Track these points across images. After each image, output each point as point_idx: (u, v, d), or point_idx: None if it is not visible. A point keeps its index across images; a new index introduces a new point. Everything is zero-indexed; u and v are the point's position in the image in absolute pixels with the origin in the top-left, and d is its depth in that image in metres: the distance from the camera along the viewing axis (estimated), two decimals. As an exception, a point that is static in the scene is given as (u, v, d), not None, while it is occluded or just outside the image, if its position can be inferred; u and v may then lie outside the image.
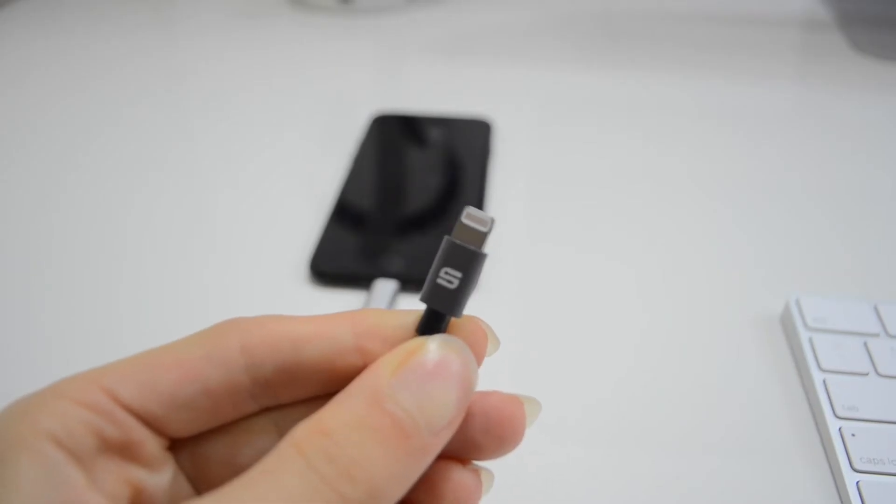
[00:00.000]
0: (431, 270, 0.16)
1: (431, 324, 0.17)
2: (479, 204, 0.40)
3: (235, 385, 0.17)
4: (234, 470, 0.17)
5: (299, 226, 0.39)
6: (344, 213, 0.39)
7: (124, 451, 0.16)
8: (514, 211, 0.40)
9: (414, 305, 0.17)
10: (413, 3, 0.67)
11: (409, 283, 0.34)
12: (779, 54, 0.58)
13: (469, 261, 0.16)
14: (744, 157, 0.45)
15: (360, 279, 0.34)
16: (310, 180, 0.43)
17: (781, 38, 0.60)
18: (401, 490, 0.15)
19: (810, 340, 0.30)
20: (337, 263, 0.35)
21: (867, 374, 0.29)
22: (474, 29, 0.63)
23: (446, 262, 0.16)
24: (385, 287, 0.33)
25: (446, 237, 0.16)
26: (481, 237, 0.16)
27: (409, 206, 0.40)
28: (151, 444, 0.16)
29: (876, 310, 0.31)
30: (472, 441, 0.17)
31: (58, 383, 0.16)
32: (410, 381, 0.15)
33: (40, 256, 0.37)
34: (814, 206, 0.41)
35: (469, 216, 0.16)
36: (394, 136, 0.46)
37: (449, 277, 0.16)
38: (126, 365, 0.16)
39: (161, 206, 0.41)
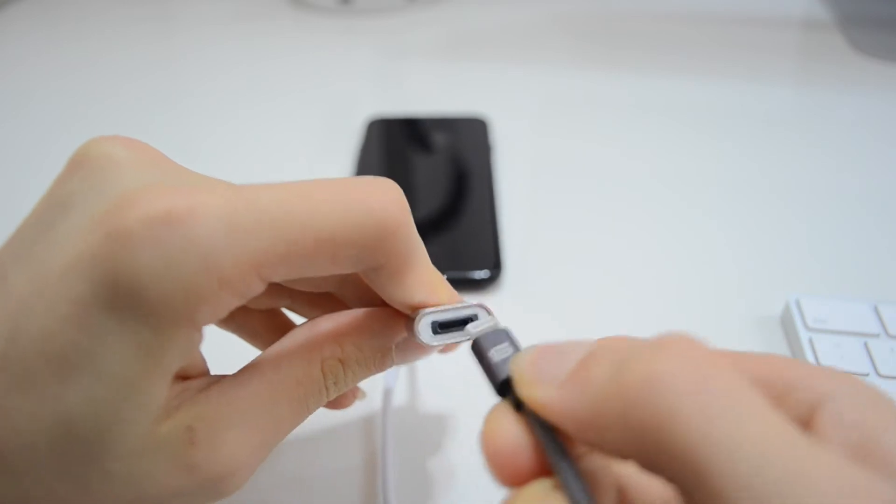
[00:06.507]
0: (486, 367, 0.18)
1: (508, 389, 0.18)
2: (491, 199, 0.40)
3: None
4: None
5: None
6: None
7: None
8: (519, 208, 0.40)
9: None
10: (413, 4, 0.67)
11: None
12: (779, 54, 0.58)
13: (501, 333, 0.19)
14: (743, 157, 0.45)
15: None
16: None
17: (781, 38, 0.60)
18: None
19: (810, 341, 0.30)
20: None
21: (867, 375, 0.29)
22: (474, 29, 0.63)
23: (490, 346, 0.19)
24: None
25: (472, 342, 0.19)
26: (493, 322, 0.20)
27: (421, 208, 0.40)
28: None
29: (876, 310, 0.31)
30: None
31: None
32: None
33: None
34: (814, 206, 0.41)
35: (476, 326, 0.20)
36: (392, 140, 0.46)
37: (500, 350, 0.18)
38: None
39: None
